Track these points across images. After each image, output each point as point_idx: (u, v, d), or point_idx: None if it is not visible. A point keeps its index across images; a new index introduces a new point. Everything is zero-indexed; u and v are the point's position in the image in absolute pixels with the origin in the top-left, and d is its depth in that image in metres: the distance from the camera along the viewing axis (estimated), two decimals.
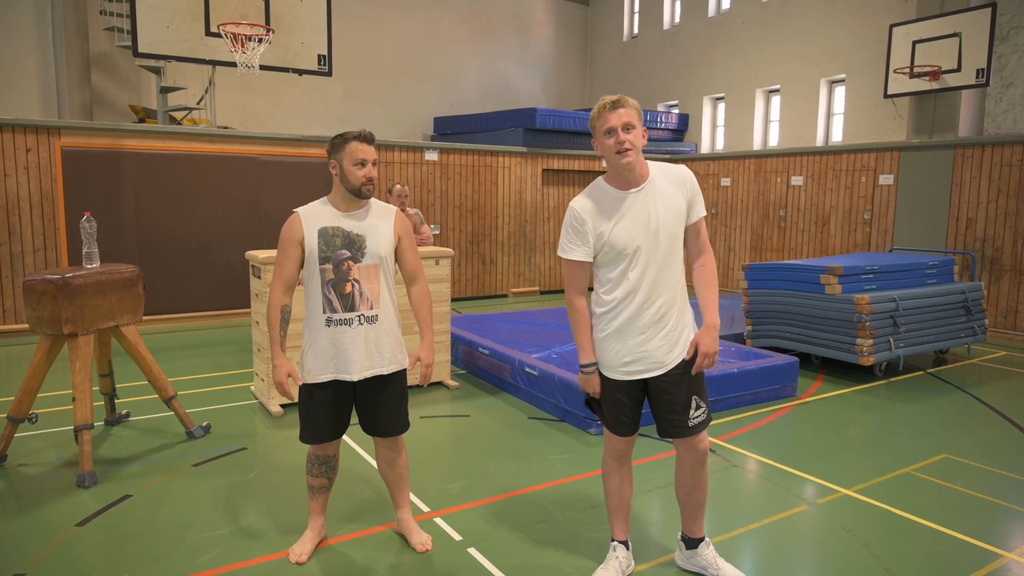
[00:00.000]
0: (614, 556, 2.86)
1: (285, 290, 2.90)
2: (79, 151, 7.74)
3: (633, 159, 2.53)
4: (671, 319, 2.64)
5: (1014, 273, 8.16)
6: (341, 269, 2.85)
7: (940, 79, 8.75)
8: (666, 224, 2.60)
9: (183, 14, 6.75)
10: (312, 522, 3.13)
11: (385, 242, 2.93)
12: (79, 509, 3.48)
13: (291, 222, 2.89)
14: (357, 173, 2.85)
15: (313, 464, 3.07)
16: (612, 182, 2.64)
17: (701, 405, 2.70)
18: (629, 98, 2.57)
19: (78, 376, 3.93)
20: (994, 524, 3.44)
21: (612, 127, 2.52)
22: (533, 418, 4.99)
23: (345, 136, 2.88)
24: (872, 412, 5.29)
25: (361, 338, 2.87)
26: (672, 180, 2.65)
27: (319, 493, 3.12)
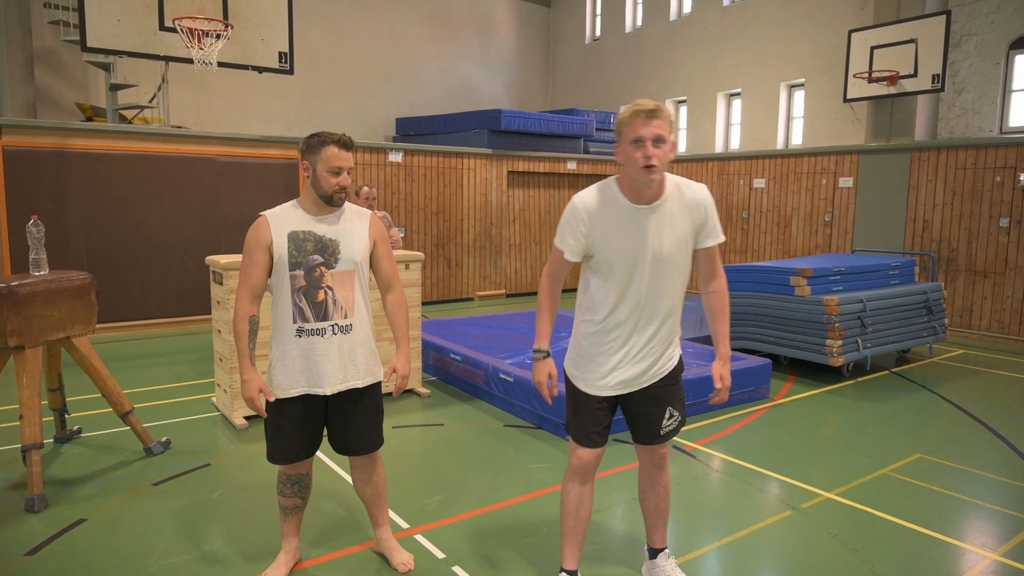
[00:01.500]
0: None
1: (252, 299, 2.70)
2: (22, 151, 7.33)
3: (658, 176, 2.33)
4: (662, 342, 2.53)
5: (969, 273, 8.38)
6: (313, 276, 2.67)
7: (897, 84, 8.95)
8: (669, 249, 2.43)
9: (135, 7, 6.44)
10: (285, 544, 2.95)
11: (360, 247, 2.77)
12: (28, 536, 3.23)
13: (257, 226, 2.71)
14: (330, 180, 2.67)
15: (284, 484, 2.88)
16: (625, 191, 2.42)
17: (674, 414, 2.63)
18: (665, 108, 2.37)
19: (25, 392, 3.66)
20: (975, 525, 3.46)
21: (641, 137, 2.29)
22: (509, 426, 4.87)
23: (323, 138, 2.69)
24: (844, 412, 5.33)
25: (335, 349, 2.70)
26: (687, 202, 2.46)
27: (292, 514, 2.93)
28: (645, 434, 2.64)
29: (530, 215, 11.60)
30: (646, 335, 2.49)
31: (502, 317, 7.49)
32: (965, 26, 9.16)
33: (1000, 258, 8.10)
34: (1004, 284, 8.08)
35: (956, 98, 9.37)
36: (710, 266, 2.58)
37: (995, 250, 8.14)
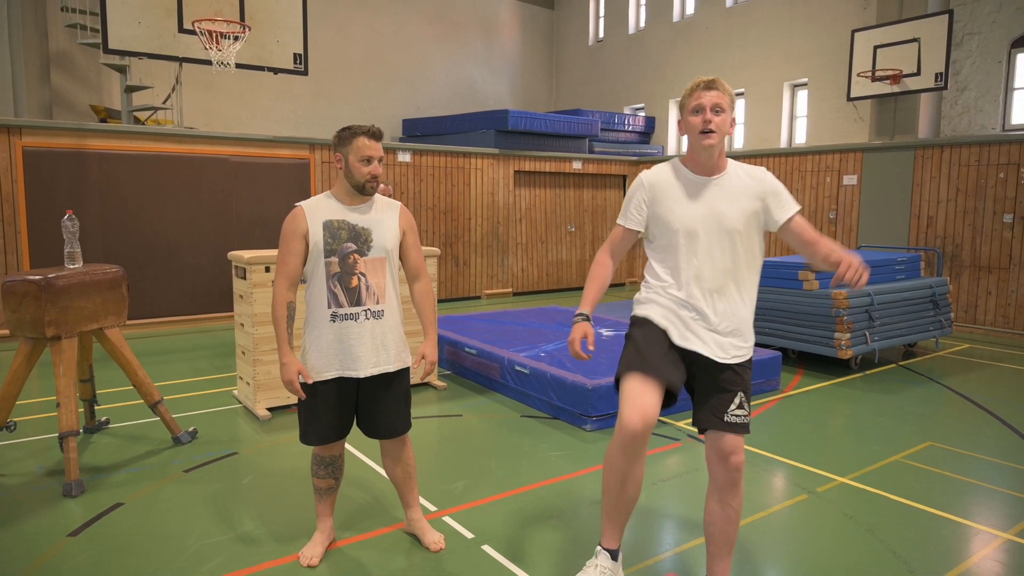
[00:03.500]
0: (594, 564, 2.51)
1: (289, 286, 2.81)
2: (41, 151, 7.45)
3: (716, 142, 2.37)
4: (730, 321, 2.42)
5: (973, 269, 8.48)
6: (347, 262, 2.78)
7: (901, 82, 9.06)
8: (733, 221, 2.41)
9: (155, 10, 6.55)
10: (320, 524, 3.05)
11: (391, 236, 2.88)
12: (68, 519, 3.34)
13: (294, 216, 2.81)
14: (362, 169, 2.79)
15: (319, 466, 2.99)
16: (689, 164, 2.49)
17: (744, 405, 2.41)
18: (725, 82, 2.42)
19: (62, 381, 3.76)
20: (986, 507, 3.56)
21: (702, 105, 2.36)
22: (526, 416, 4.97)
23: (353, 130, 2.82)
24: (854, 403, 5.43)
25: (368, 333, 2.81)
26: (748, 178, 2.47)
27: (326, 495, 3.04)
28: (711, 417, 2.41)
29: (536, 214, 11.71)
30: (712, 310, 2.40)
31: (513, 313, 7.59)
32: (967, 25, 9.28)
33: (1004, 254, 8.21)
34: (1008, 279, 8.18)
35: (959, 96, 9.48)
36: (806, 238, 2.42)
37: (999, 246, 8.24)
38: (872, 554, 3.03)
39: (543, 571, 2.87)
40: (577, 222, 12.20)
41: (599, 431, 4.63)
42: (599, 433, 4.60)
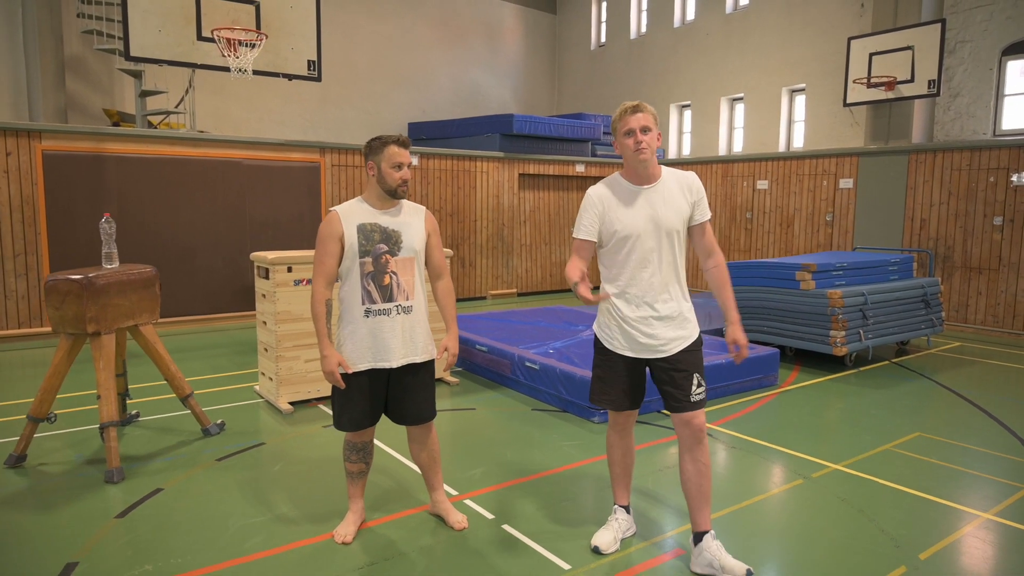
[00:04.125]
0: (614, 519, 3.15)
1: (327, 284, 3.05)
2: (60, 155, 7.68)
3: (648, 156, 2.81)
4: (677, 307, 2.87)
5: (964, 270, 8.74)
6: (380, 262, 3.03)
7: (895, 89, 9.32)
8: (667, 219, 2.84)
9: (175, 18, 6.79)
10: (353, 505, 3.29)
11: (419, 237, 3.13)
12: (113, 503, 3.57)
13: (330, 220, 3.04)
14: (394, 175, 3.03)
15: (351, 451, 3.23)
16: (627, 177, 2.92)
17: (702, 383, 2.87)
18: (647, 104, 2.85)
19: (102, 374, 4.00)
20: (970, 490, 3.81)
21: (631, 128, 2.79)
22: (537, 410, 5.22)
23: (384, 139, 3.06)
24: (847, 398, 5.68)
25: (399, 327, 3.05)
26: (680, 184, 2.91)
27: (358, 478, 3.28)
28: (677, 402, 2.84)
29: (540, 216, 11.96)
30: (666, 299, 2.84)
31: (520, 312, 7.83)
32: (959, 33, 9.54)
33: (994, 255, 8.47)
34: (998, 280, 8.44)
35: (951, 102, 9.75)
36: (703, 240, 2.95)
37: (989, 247, 8.50)
38: (862, 532, 3.27)
39: (560, 546, 3.11)
40: None
41: (606, 423, 4.87)
42: (607, 425, 4.84)
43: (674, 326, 2.87)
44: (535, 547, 3.11)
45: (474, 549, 3.10)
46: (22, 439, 4.07)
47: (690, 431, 2.87)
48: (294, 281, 5.16)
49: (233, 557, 3.02)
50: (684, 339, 2.88)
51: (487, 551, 3.08)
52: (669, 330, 2.87)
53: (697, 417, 2.86)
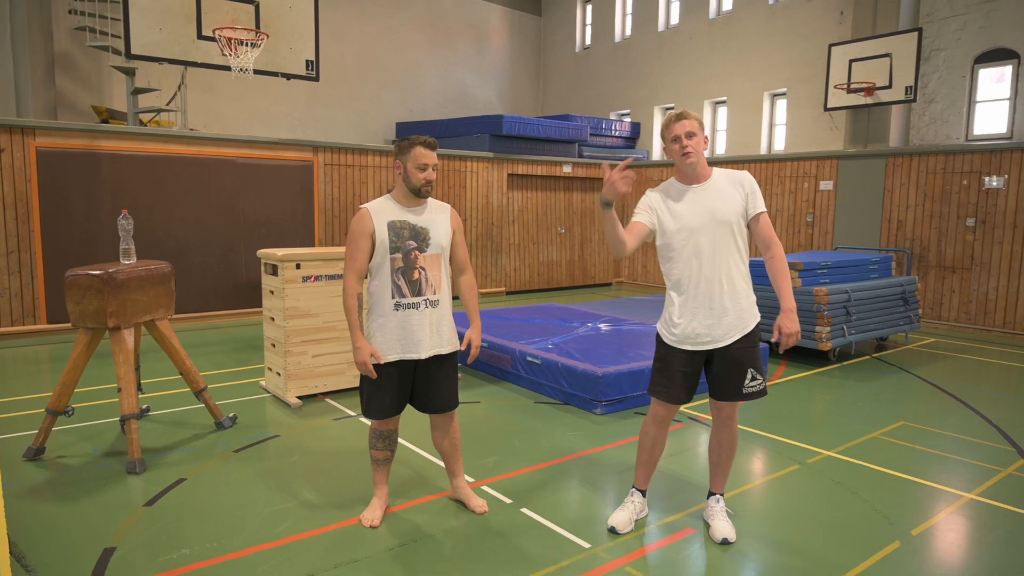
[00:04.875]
0: (631, 501, 3.33)
1: (358, 279, 3.18)
2: (54, 152, 7.68)
3: (695, 160, 3.00)
4: (732, 301, 2.98)
5: (939, 269, 9.10)
6: (409, 258, 3.17)
7: (874, 95, 9.66)
8: (721, 212, 2.99)
9: (175, 17, 6.85)
10: (378, 491, 3.43)
11: (445, 234, 3.27)
12: (138, 492, 3.67)
13: (362, 217, 3.16)
14: (419, 175, 3.17)
15: (376, 439, 3.37)
16: (680, 179, 3.12)
17: (757, 377, 3.04)
18: (691, 112, 3.05)
19: (122, 368, 4.09)
20: (953, 473, 4.06)
21: (677, 135, 3.00)
22: (540, 403, 5.39)
23: (412, 141, 3.19)
24: (834, 390, 5.94)
25: (427, 320, 3.20)
26: (731, 180, 3.07)
27: (383, 465, 3.42)
28: (728, 391, 3.05)
29: (528, 216, 12.14)
30: (724, 292, 2.96)
31: (514, 310, 8.00)
32: (934, 41, 9.92)
33: (967, 255, 8.83)
34: (970, 279, 8.80)
35: (926, 108, 10.12)
36: (764, 233, 3.04)
37: (962, 248, 8.86)
38: (858, 511, 3.50)
39: (578, 527, 3.29)
40: (567, 224, 12.66)
41: (608, 415, 5.07)
42: (608, 416, 5.04)
43: (733, 317, 2.99)
44: (554, 528, 3.28)
45: (497, 531, 3.26)
46: (41, 432, 4.14)
47: (720, 416, 3.19)
48: (303, 278, 5.27)
49: (266, 541, 3.15)
50: (741, 329, 3.00)
51: (509, 532, 3.25)
52: (728, 321, 2.99)
53: (730, 406, 3.15)
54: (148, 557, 3.00)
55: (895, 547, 3.13)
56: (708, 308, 3.00)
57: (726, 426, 3.19)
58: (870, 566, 2.97)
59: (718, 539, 3.14)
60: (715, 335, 3.00)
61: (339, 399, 5.38)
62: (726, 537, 3.13)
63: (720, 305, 2.98)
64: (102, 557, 2.99)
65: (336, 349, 5.47)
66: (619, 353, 5.65)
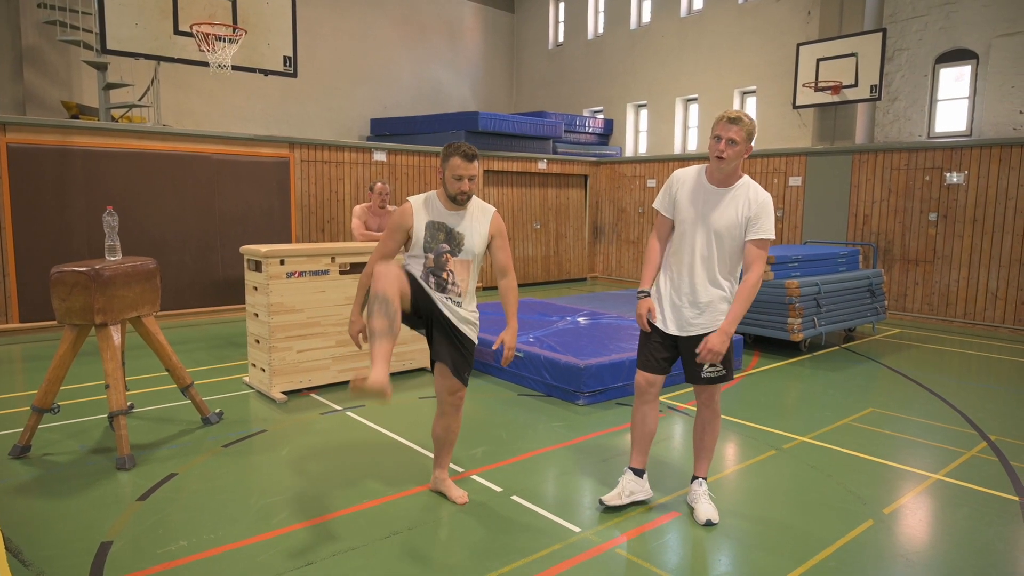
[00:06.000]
0: (622, 480, 3.46)
1: (381, 262, 3.18)
2: (26, 148, 7.55)
3: (724, 166, 3.08)
4: (708, 300, 3.15)
5: (903, 262, 9.41)
6: (440, 260, 3.26)
7: (840, 93, 9.94)
8: (719, 226, 3.10)
9: (151, 12, 6.78)
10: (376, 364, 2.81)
11: (480, 241, 3.30)
12: (129, 488, 3.69)
13: (404, 211, 3.28)
14: (454, 184, 3.22)
15: (374, 303, 2.89)
16: (708, 173, 3.20)
17: (716, 365, 3.22)
18: (747, 119, 3.03)
19: (109, 364, 4.09)
20: (920, 456, 4.27)
21: (719, 135, 3.07)
22: (523, 395, 5.50)
23: (451, 150, 3.24)
24: (805, 380, 6.15)
25: (444, 309, 3.27)
26: (747, 196, 3.11)
27: (381, 338, 2.84)
28: (691, 375, 3.30)
29: (504, 212, 12.22)
30: (695, 287, 3.16)
31: (494, 305, 8.07)
32: (898, 41, 10.23)
33: (929, 248, 9.15)
34: (933, 271, 9.13)
35: (890, 106, 10.44)
36: (748, 258, 3.13)
37: (925, 241, 9.19)
38: (833, 492, 3.67)
39: (568, 513, 3.40)
40: (542, 220, 12.77)
41: (591, 405, 5.19)
42: (591, 407, 5.16)
43: (702, 313, 3.19)
44: (545, 514, 3.39)
45: (489, 517, 3.36)
46: (27, 430, 4.12)
47: (700, 399, 3.39)
48: (287, 274, 5.30)
49: (263, 532, 3.20)
50: (707, 326, 3.18)
51: (501, 519, 3.34)
52: (697, 315, 3.20)
53: (706, 390, 3.34)
54: (146, 549, 3.04)
55: (868, 525, 3.30)
56: (683, 299, 3.21)
57: (707, 407, 3.37)
58: (846, 543, 3.13)
59: (702, 521, 3.28)
60: (680, 325, 3.22)
61: (324, 394, 5.42)
62: (710, 519, 3.28)
63: (694, 301, 3.18)
64: (100, 550, 3.02)
65: (321, 344, 5.50)
66: (600, 346, 5.78)
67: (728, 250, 3.14)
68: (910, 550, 3.12)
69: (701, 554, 3.08)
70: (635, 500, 3.43)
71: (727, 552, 3.09)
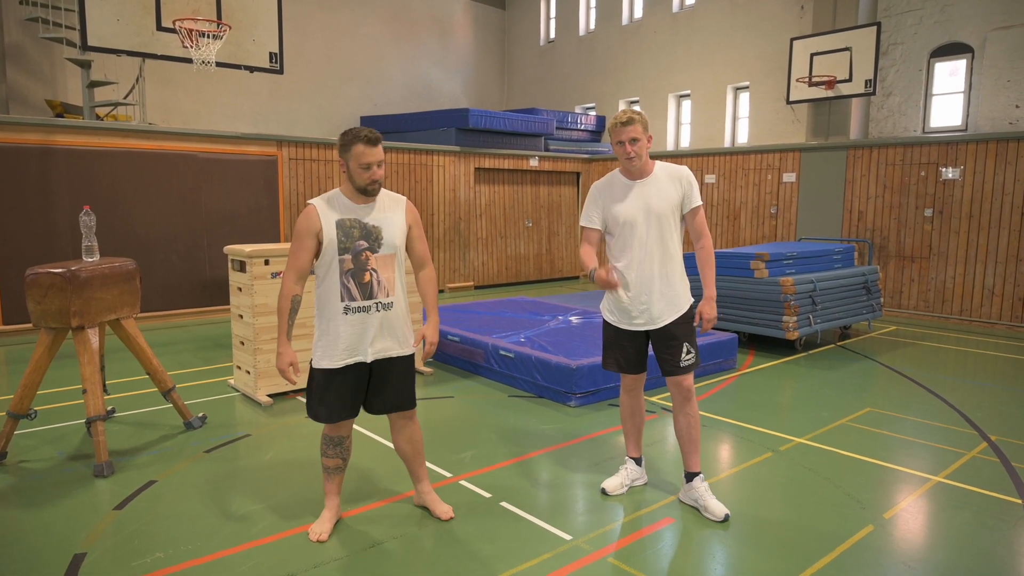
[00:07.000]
0: (624, 468, 3.63)
1: (297, 279, 2.98)
2: (8, 147, 7.40)
3: (637, 163, 3.26)
4: (669, 285, 3.27)
5: (898, 259, 9.34)
6: (360, 259, 2.96)
7: (835, 88, 9.85)
8: (658, 208, 3.26)
9: (133, 7, 6.63)
10: (328, 502, 3.22)
11: (399, 232, 3.08)
12: (107, 496, 3.57)
13: (308, 214, 2.95)
14: (363, 175, 2.93)
15: (328, 445, 3.17)
16: (623, 173, 3.38)
17: (691, 351, 3.32)
18: (636, 116, 3.21)
19: (87, 368, 3.96)
20: (920, 457, 4.18)
21: (622, 140, 3.23)
22: (513, 396, 5.39)
23: (351, 136, 2.93)
24: (801, 379, 6.06)
25: (378, 323, 3.02)
26: (670, 175, 3.33)
27: (334, 474, 3.21)
28: (669, 366, 3.31)
29: (496, 210, 12.11)
30: (655, 277, 3.23)
31: (484, 304, 7.98)
32: (892, 36, 10.15)
33: (925, 245, 9.08)
34: (929, 268, 9.06)
35: (884, 101, 10.36)
36: (696, 225, 3.35)
37: (921, 237, 9.11)
38: (832, 497, 3.58)
39: (559, 519, 3.29)
40: (534, 218, 12.67)
41: (583, 407, 5.09)
42: (583, 408, 5.06)
43: (666, 301, 3.28)
44: (535, 520, 3.28)
45: (477, 525, 3.25)
46: (2, 436, 3.99)
47: (680, 391, 3.37)
48: (271, 274, 5.18)
49: (242, 543, 3.09)
50: (674, 312, 3.29)
51: (490, 526, 3.24)
52: (661, 304, 3.27)
53: (686, 379, 3.35)
54: (120, 562, 2.92)
55: (869, 530, 3.21)
56: (645, 293, 3.26)
57: (685, 399, 3.36)
58: (846, 549, 3.03)
59: (720, 516, 3.25)
60: (649, 317, 3.28)
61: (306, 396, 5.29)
62: (727, 513, 3.27)
63: (655, 290, 3.25)
64: (72, 563, 2.90)
65: (307, 346, 5.37)
66: (592, 345, 5.67)
67: (675, 229, 3.29)
68: (911, 556, 3.02)
69: (696, 562, 2.98)
70: (635, 485, 3.62)
71: (722, 560, 2.99)
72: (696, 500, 3.36)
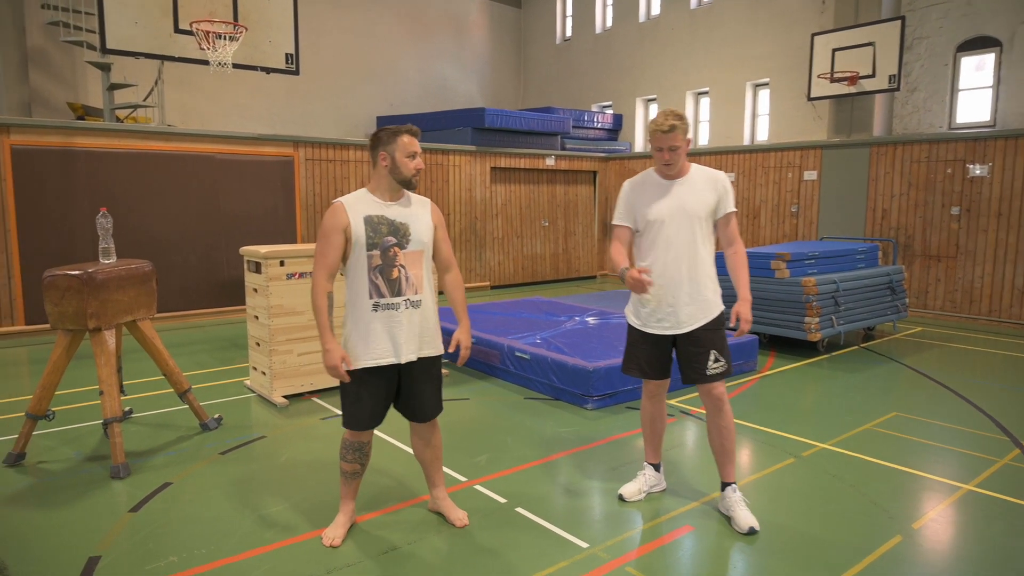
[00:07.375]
0: (642, 474, 3.57)
1: (328, 277, 2.95)
2: (29, 149, 7.47)
3: (673, 170, 3.22)
4: (698, 288, 3.17)
5: (924, 258, 9.15)
6: (388, 255, 2.96)
7: (857, 84, 9.68)
8: (692, 209, 3.18)
9: (151, 10, 6.66)
10: (344, 507, 3.20)
11: (426, 230, 3.08)
12: (123, 498, 3.56)
13: (335, 211, 2.94)
14: (409, 164, 2.99)
15: (348, 450, 3.13)
16: (658, 172, 3.30)
17: (720, 359, 3.21)
18: (679, 123, 3.11)
19: (104, 370, 3.97)
20: (949, 464, 4.06)
21: (660, 147, 3.17)
22: (529, 398, 5.33)
23: (396, 130, 3.00)
24: (824, 381, 5.94)
25: (407, 321, 3.00)
26: (706, 179, 3.25)
27: (352, 479, 3.18)
28: (694, 374, 3.22)
29: (512, 210, 12.06)
30: (683, 280, 3.15)
31: (500, 304, 7.92)
32: (917, 30, 9.95)
33: (952, 243, 8.89)
34: (955, 267, 8.86)
35: (909, 96, 10.16)
36: (727, 230, 3.27)
37: (947, 236, 8.92)
38: (857, 505, 3.48)
39: (575, 526, 3.23)
40: (550, 217, 12.59)
41: (600, 409, 5.02)
42: (600, 411, 4.99)
43: (696, 306, 3.18)
44: (551, 527, 3.22)
45: (492, 532, 3.19)
46: (21, 437, 4.01)
47: (710, 400, 3.27)
48: (287, 275, 5.16)
49: (256, 546, 3.06)
50: (703, 318, 3.20)
51: (505, 533, 3.18)
52: (690, 309, 3.18)
53: (716, 388, 3.23)
54: (135, 565, 2.90)
55: (897, 541, 3.11)
56: (672, 295, 3.17)
57: (718, 409, 3.25)
58: (873, 561, 2.94)
59: (744, 529, 3.15)
60: (676, 321, 3.19)
61: (326, 398, 5.29)
62: (752, 526, 3.15)
63: (683, 292, 3.16)
64: (87, 566, 2.89)
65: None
66: (609, 347, 5.60)
67: (708, 231, 3.22)
68: (941, 569, 2.92)
69: (716, 572, 2.90)
70: (653, 491, 3.56)
71: (743, 571, 2.91)
72: (728, 510, 3.28)
